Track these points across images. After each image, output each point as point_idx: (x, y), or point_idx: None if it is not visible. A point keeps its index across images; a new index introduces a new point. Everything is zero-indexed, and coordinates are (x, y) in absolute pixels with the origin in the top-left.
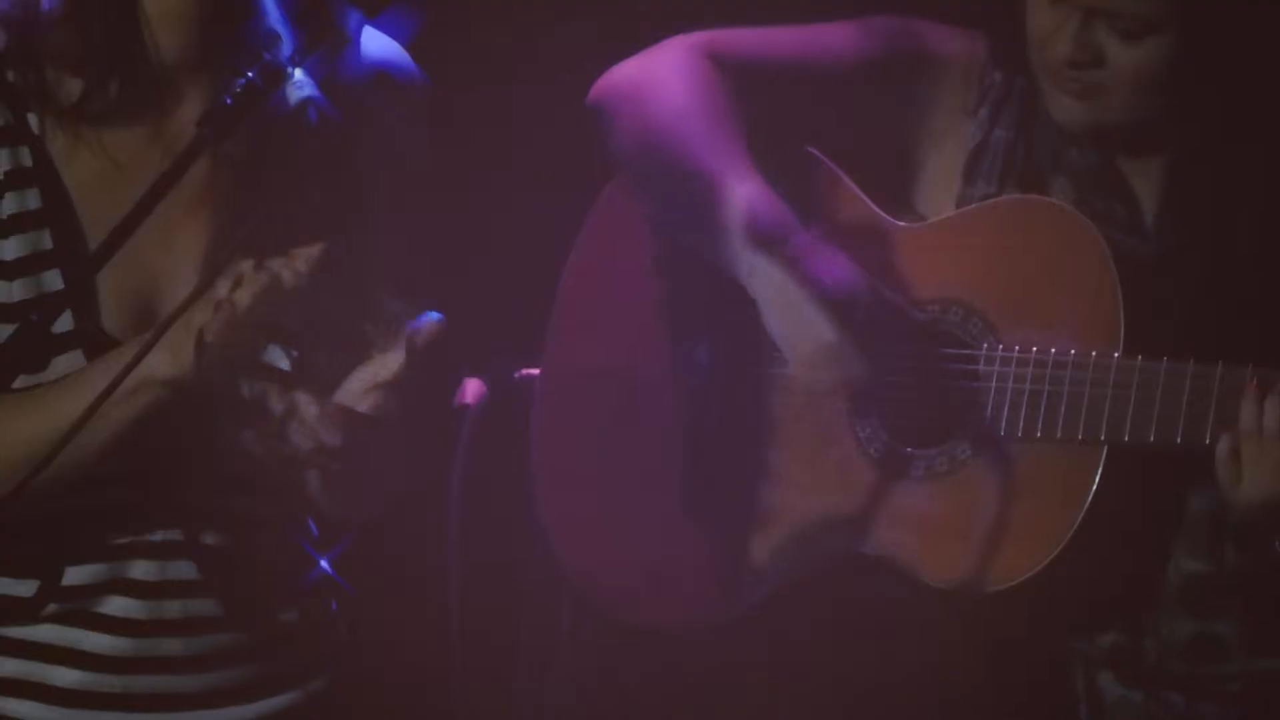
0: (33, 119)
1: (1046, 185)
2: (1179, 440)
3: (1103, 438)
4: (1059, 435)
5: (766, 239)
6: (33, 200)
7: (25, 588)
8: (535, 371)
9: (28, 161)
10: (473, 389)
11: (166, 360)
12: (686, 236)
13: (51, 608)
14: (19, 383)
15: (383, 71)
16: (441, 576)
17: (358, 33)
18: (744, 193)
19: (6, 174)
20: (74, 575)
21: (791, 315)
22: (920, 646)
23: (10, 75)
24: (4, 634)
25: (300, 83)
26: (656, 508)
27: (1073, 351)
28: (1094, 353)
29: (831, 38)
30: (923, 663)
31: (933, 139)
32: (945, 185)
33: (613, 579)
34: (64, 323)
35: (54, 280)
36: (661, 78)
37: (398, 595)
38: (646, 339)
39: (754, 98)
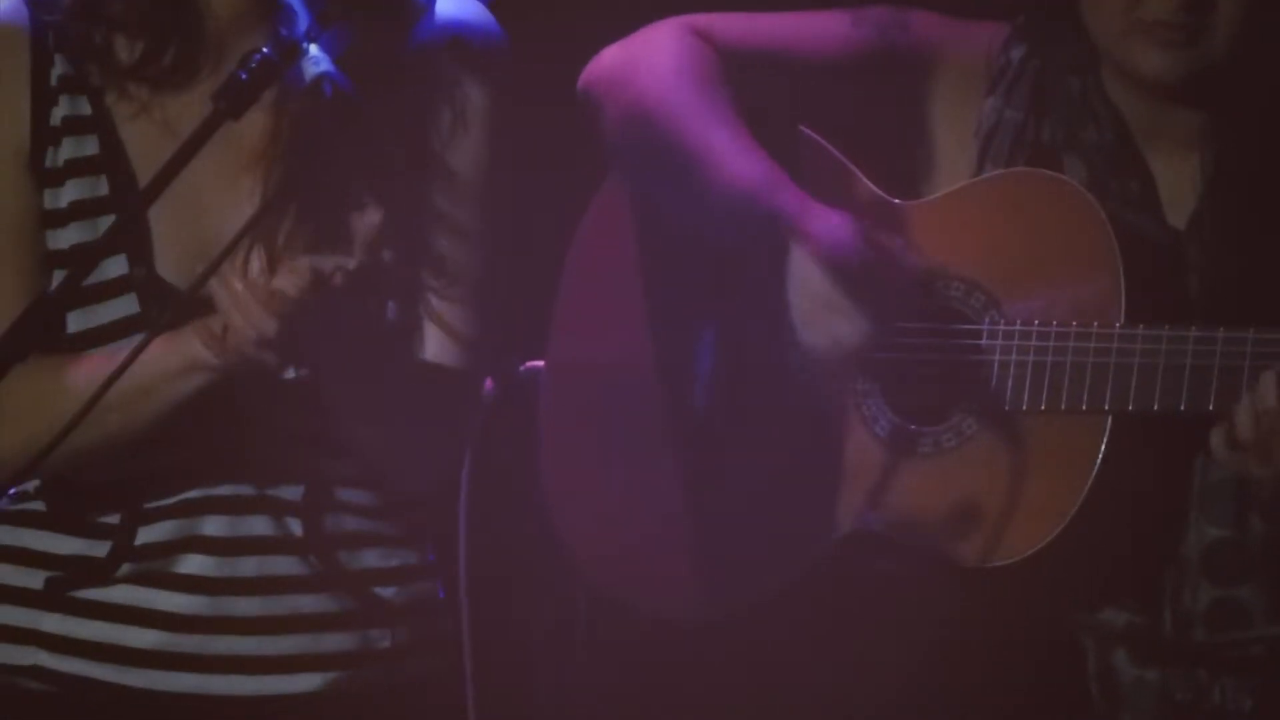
0: (93, 72)
1: (1059, 164)
2: (1182, 408)
3: (1107, 407)
4: (1063, 407)
5: (761, 202)
6: (90, 146)
7: (99, 548)
8: (540, 364)
9: (86, 110)
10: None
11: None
12: (680, 210)
13: (126, 568)
14: (73, 324)
15: (459, 34)
16: (451, 573)
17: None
18: (738, 160)
19: (65, 120)
20: (146, 534)
21: (789, 276)
22: (928, 627)
23: (73, 31)
24: (81, 596)
25: (315, 58)
26: (665, 496)
27: (1074, 323)
28: (1095, 323)
29: (823, 25)
30: (931, 643)
31: (931, 128)
32: (956, 174)
33: (624, 570)
34: (118, 267)
35: (109, 224)
36: (651, 56)
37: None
38: (649, 327)
39: (743, 80)
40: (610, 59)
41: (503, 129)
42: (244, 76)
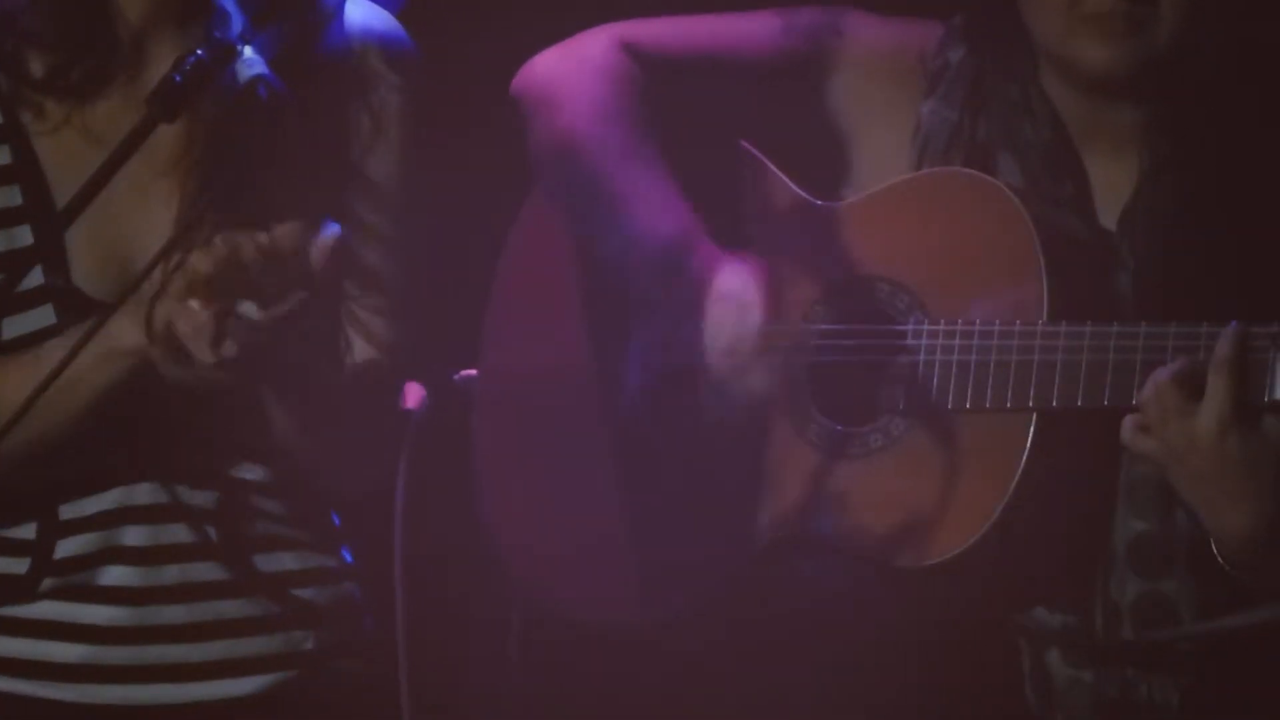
0: (2, 80)
1: (994, 161)
2: (1106, 403)
3: (1031, 404)
4: (988, 405)
5: (665, 254)
6: (3, 156)
7: (18, 565)
8: (474, 373)
9: None
10: (413, 394)
11: (131, 329)
12: (598, 244)
13: (48, 583)
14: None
15: (367, 42)
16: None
17: (340, 3)
18: (655, 212)
19: None
20: (66, 547)
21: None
22: (861, 629)
23: None
24: (3, 614)
25: (250, 60)
26: (599, 503)
27: (997, 322)
28: (1018, 322)
29: (755, 29)
30: (864, 646)
31: (867, 130)
32: (893, 176)
33: (557, 574)
34: (34, 278)
35: (24, 235)
36: (576, 80)
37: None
38: (583, 333)
39: (674, 89)
40: (541, 74)
41: (419, 135)
42: (178, 79)
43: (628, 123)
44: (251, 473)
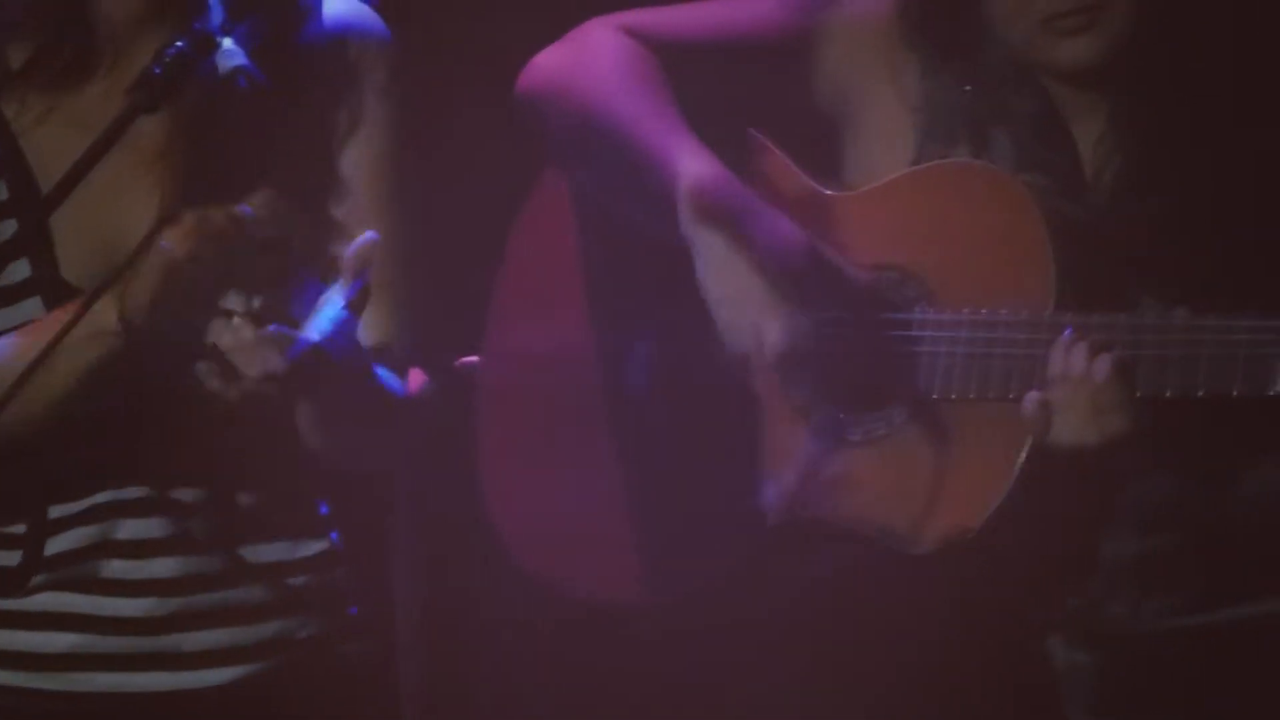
0: None
1: (987, 137)
2: None
3: None
4: (991, 395)
5: (708, 205)
6: None
7: (9, 558)
8: (474, 360)
9: None
10: (415, 379)
11: (110, 310)
12: (630, 211)
13: (40, 578)
14: None
15: (345, 33)
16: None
17: None
18: (685, 161)
19: None
20: (58, 542)
21: (727, 282)
22: (864, 615)
23: None
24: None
25: (230, 51)
26: (602, 487)
27: (1003, 311)
28: (1025, 312)
29: (751, 9)
30: (866, 632)
31: (867, 105)
32: (894, 154)
33: (560, 556)
34: (21, 270)
35: (10, 229)
36: (590, 60)
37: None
38: (588, 317)
39: (677, 75)
40: (549, 65)
41: (397, 123)
42: (158, 71)
43: (646, 87)
44: (237, 462)
